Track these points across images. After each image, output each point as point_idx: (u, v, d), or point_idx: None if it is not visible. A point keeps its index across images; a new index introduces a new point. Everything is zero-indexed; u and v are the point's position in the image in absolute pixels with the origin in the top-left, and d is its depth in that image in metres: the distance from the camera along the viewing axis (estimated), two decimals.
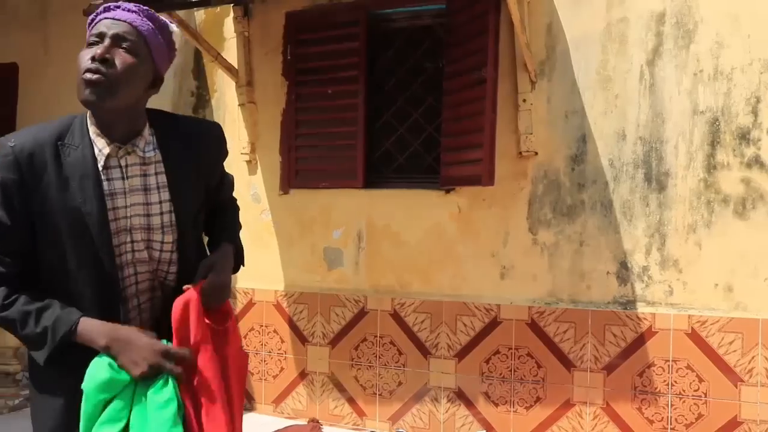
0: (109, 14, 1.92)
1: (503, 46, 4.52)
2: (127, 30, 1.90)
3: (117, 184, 1.95)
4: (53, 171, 1.88)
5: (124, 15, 1.92)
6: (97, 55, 1.84)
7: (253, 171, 5.46)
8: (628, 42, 4.39)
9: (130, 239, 1.98)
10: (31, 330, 1.87)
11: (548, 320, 4.52)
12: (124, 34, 1.89)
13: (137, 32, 1.91)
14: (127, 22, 1.90)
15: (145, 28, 1.92)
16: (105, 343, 1.86)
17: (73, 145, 1.91)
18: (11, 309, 1.88)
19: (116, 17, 1.91)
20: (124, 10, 1.93)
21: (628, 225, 4.37)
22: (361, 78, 5.00)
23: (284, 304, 5.31)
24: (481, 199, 4.70)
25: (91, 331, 1.88)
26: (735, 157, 4.14)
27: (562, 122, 4.53)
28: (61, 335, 1.86)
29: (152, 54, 1.95)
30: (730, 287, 4.13)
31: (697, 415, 4.17)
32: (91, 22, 1.94)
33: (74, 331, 1.87)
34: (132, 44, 1.89)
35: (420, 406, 4.86)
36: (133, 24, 1.91)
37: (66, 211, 1.88)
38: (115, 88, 1.85)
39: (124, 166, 1.96)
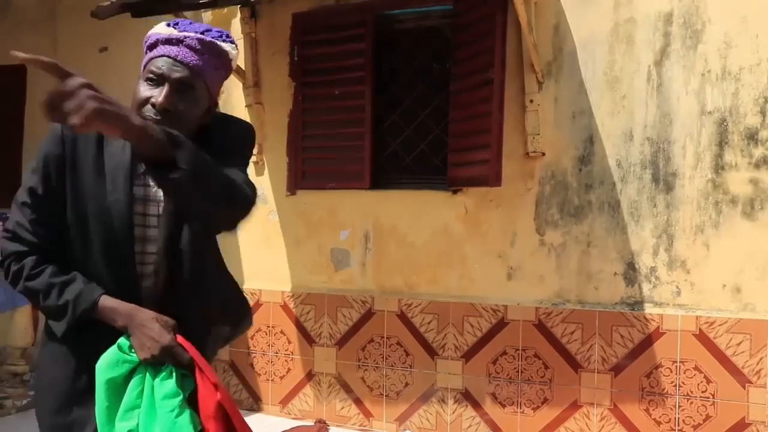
0: (172, 51, 1.90)
1: (510, 47, 4.51)
2: (188, 76, 1.90)
3: (152, 192, 2.01)
4: (93, 155, 1.95)
5: (188, 57, 1.90)
6: (158, 104, 1.85)
7: (260, 172, 5.47)
8: (636, 42, 4.38)
9: (156, 249, 2.01)
10: (53, 302, 1.91)
11: (555, 321, 4.51)
12: (186, 80, 1.89)
13: (198, 76, 1.91)
14: (189, 67, 1.90)
15: (207, 69, 1.93)
16: (123, 323, 1.91)
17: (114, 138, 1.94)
18: (37, 279, 1.93)
19: (179, 58, 1.90)
20: (188, 48, 1.91)
21: (636, 226, 4.36)
22: (368, 79, 5.00)
23: (291, 304, 5.31)
24: (489, 200, 4.70)
25: (111, 309, 1.92)
26: (743, 158, 4.13)
27: (569, 123, 4.52)
28: (81, 310, 1.91)
29: (210, 90, 1.98)
30: (738, 288, 4.12)
31: (705, 417, 4.16)
32: (151, 47, 1.94)
33: (94, 308, 1.91)
34: (192, 91, 1.91)
35: (427, 407, 4.86)
36: (195, 68, 1.91)
37: (95, 194, 1.93)
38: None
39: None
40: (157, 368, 1.89)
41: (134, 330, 1.90)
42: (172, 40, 1.92)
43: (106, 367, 1.90)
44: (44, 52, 5.47)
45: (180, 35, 1.91)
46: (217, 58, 1.96)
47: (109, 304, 1.93)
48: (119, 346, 1.91)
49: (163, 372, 1.89)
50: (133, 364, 1.90)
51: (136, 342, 1.89)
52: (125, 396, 1.89)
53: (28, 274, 1.93)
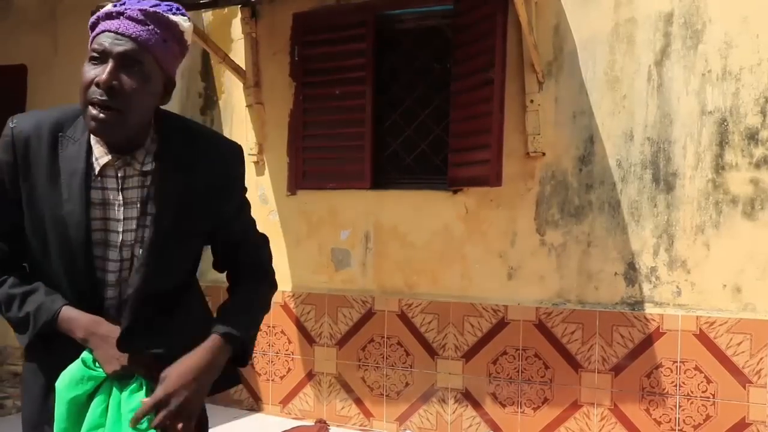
0: (112, 25, 1.75)
1: (511, 47, 4.51)
2: (133, 48, 1.73)
3: (111, 195, 1.86)
4: (47, 160, 1.83)
5: (129, 28, 1.73)
6: (102, 82, 1.71)
7: (260, 172, 5.47)
8: (636, 42, 4.38)
9: (118, 255, 1.87)
10: (14, 314, 1.85)
11: (556, 321, 4.51)
12: (131, 54, 1.73)
13: (145, 49, 1.74)
14: (132, 39, 1.73)
15: (152, 40, 1.75)
16: (83, 336, 1.81)
17: (73, 138, 1.85)
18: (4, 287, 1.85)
19: (120, 31, 1.73)
20: (129, 19, 1.75)
21: (636, 226, 4.36)
22: (368, 79, 5.00)
23: (291, 304, 5.31)
24: (489, 200, 4.70)
25: (72, 321, 1.82)
26: (743, 158, 4.13)
27: (569, 123, 4.53)
28: (42, 322, 1.82)
29: (161, 66, 1.80)
30: (738, 288, 4.12)
31: (705, 417, 4.16)
32: (93, 26, 1.80)
33: (55, 320, 1.82)
34: (139, 66, 1.74)
35: (427, 407, 4.86)
36: (139, 39, 1.73)
37: (50, 202, 1.82)
38: (125, 119, 1.75)
39: (122, 177, 1.86)
40: (124, 382, 1.80)
41: (97, 343, 1.80)
42: (112, 14, 1.76)
43: (68, 385, 1.80)
44: (45, 53, 5.52)
45: (120, 8, 1.75)
46: (165, 30, 1.78)
47: (70, 315, 1.82)
48: (83, 361, 1.81)
49: (132, 384, 1.80)
50: (99, 380, 1.80)
51: (101, 355, 1.79)
52: (88, 415, 1.79)
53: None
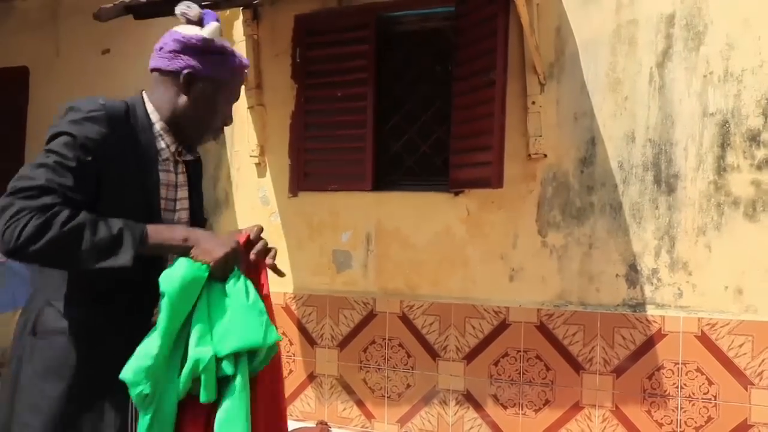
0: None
1: (512, 49, 4.51)
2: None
3: (171, 178, 2.09)
4: (130, 143, 1.96)
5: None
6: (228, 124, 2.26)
7: (262, 173, 5.47)
8: (638, 44, 4.38)
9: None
10: (104, 233, 1.79)
11: (557, 323, 4.51)
12: None
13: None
14: None
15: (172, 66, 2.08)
16: (184, 235, 1.89)
17: (138, 126, 2.00)
18: (78, 217, 1.79)
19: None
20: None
21: (638, 227, 4.36)
22: (370, 81, 5.01)
23: (293, 306, 5.31)
24: (490, 202, 4.70)
25: (164, 230, 1.90)
26: (745, 160, 4.13)
27: (571, 124, 4.53)
28: (139, 233, 1.84)
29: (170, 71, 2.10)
30: (740, 290, 4.12)
31: (707, 418, 4.15)
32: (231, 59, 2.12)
33: (146, 234, 1.85)
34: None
35: (428, 409, 4.86)
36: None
37: (132, 179, 1.95)
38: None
39: (181, 162, 2.15)
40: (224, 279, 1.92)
41: (198, 239, 1.89)
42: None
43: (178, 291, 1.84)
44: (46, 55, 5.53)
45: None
46: (165, 53, 2.17)
47: (157, 227, 1.90)
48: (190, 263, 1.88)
49: (232, 278, 1.92)
50: (202, 279, 1.88)
51: (207, 246, 1.87)
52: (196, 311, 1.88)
53: (66, 218, 1.76)
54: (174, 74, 2.03)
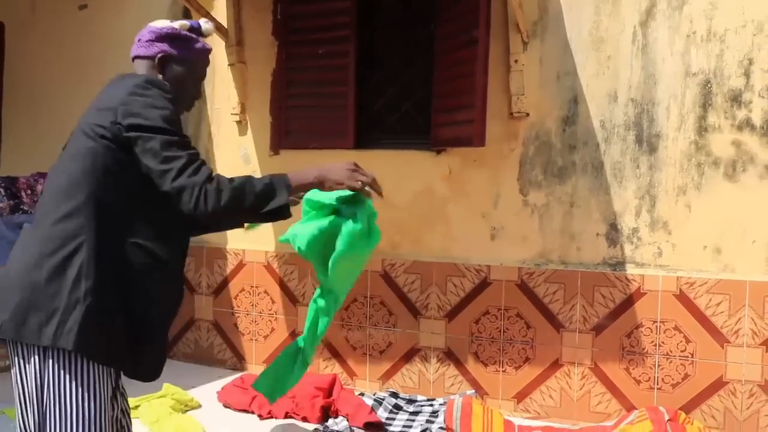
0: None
1: (495, 7, 4.47)
2: None
3: None
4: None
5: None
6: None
7: (243, 131, 5.43)
8: (622, 3, 4.35)
9: None
10: (260, 184, 2.19)
11: (538, 281, 4.54)
12: None
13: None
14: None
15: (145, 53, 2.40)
16: (315, 174, 2.29)
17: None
18: (235, 179, 2.18)
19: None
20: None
21: (619, 187, 4.38)
22: (351, 38, 4.96)
23: (275, 265, 5.32)
24: (472, 160, 4.70)
25: (300, 174, 2.29)
26: (726, 120, 4.14)
27: (554, 83, 4.51)
28: (285, 179, 2.24)
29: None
30: (718, 249, 4.16)
31: (684, 375, 4.22)
32: (197, 42, 2.48)
33: (289, 179, 2.25)
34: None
35: (410, 366, 4.90)
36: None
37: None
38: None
39: None
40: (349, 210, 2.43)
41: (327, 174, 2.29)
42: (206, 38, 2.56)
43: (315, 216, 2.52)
44: (22, 10, 5.41)
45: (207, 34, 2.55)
46: (141, 42, 2.46)
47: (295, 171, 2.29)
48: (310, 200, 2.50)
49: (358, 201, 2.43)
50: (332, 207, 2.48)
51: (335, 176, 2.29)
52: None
53: (227, 181, 2.16)
54: (151, 59, 2.38)
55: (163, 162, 2.11)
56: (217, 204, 2.11)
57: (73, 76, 6.03)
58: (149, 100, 2.15)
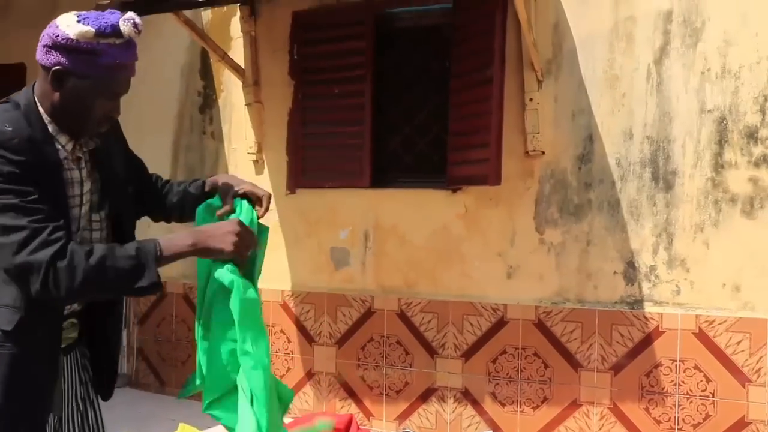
0: (131, 60, 2.04)
1: (510, 45, 4.50)
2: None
3: (75, 175, 2.06)
4: (38, 157, 1.93)
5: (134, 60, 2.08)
6: (115, 116, 2.12)
7: (259, 170, 5.47)
8: (635, 41, 4.37)
9: (90, 218, 2.12)
10: (123, 260, 1.86)
11: (555, 320, 4.51)
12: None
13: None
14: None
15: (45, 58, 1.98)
16: (192, 240, 1.95)
17: (37, 136, 1.96)
18: (95, 252, 1.86)
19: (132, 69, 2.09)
20: (134, 52, 2.07)
21: (636, 224, 4.36)
22: (367, 77, 5.00)
23: (291, 304, 5.31)
24: (488, 199, 4.69)
25: (174, 239, 1.96)
26: (743, 156, 4.12)
27: (568, 121, 4.52)
28: (153, 250, 1.90)
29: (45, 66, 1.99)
30: (737, 287, 4.12)
31: (705, 415, 4.15)
32: (106, 52, 1.96)
33: (160, 249, 1.91)
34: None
35: (427, 406, 4.86)
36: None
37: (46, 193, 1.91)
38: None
39: (81, 158, 2.09)
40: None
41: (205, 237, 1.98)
42: (130, 44, 1.99)
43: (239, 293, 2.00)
44: None
45: (130, 38, 1.97)
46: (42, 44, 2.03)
47: (169, 237, 1.96)
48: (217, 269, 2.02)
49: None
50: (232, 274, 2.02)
51: (215, 243, 1.97)
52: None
53: (83, 256, 1.83)
54: (47, 69, 1.97)
55: (2, 233, 1.82)
56: (71, 285, 1.81)
57: None
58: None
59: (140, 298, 5.90)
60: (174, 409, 5.27)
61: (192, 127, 5.78)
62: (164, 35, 5.69)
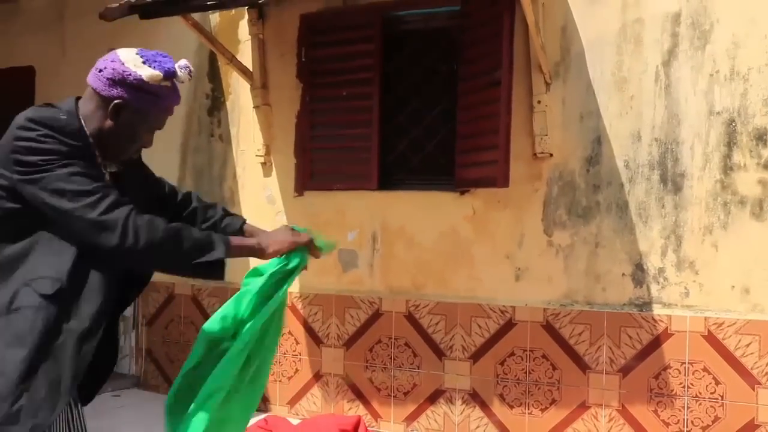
0: (175, 103, 2.28)
1: (518, 48, 4.50)
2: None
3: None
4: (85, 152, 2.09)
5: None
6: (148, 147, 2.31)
7: (267, 173, 5.48)
8: (644, 43, 4.37)
9: None
10: (198, 235, 2.12)
11: (563, 322, 4.51)
12: None
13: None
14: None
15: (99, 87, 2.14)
16: (257, 240, 2.32)
17: (83, 138, 2.11)
18: (172, 223, 2.09)
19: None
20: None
21: (644, 226, 4.35)
22: (375, 80, 5.01)
23: (299, 305, 5.32)
24: (496, 201, 4.70)
25: (241, 238, 2.36)
26: (752, 158, 4.11)
27: (577, 124, 4.52)
28: (226, 238, 2.18)
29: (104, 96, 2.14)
30: (746, 289, 4.11)
31: (714, 418, 4.15)
32: (162, 93, 2.18)
33: (230, 240, 2.19)
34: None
35: (435, 408, 4.86)
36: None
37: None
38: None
39: (106, 172, 2.22)
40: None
41: (269, 242, 2.30)
42: (177, 88, 2.24)
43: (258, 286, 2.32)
44: (52, 54, 5.53)
45: (176, 84, 2.22)
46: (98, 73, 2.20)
47: (238, 237, 2.37)
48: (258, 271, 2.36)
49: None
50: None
51: (275, 246, 2.30)
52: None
53: (162, 222, 2.05)
54: (105, 99, 2.12)
55: (69, 199, 1.97)
56: (151, 238, 2.00)
57: None
58: (33, 144, 1.98)
59: (149, 299, 5.92)
60: None
61: (200, 129, 5.80)
62: (172, 38, 5.71)
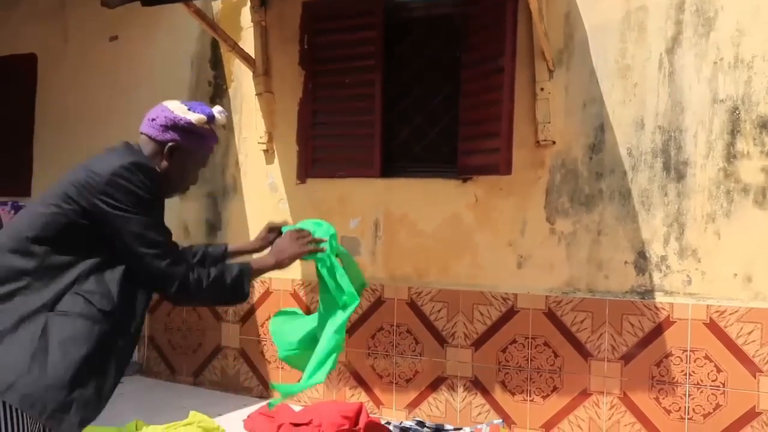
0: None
1: (521, 35, 4.49)
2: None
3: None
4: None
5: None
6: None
7: (270, 160, 5.47)
8: (647, 30, 4.36)
9: None
10: (230, 278, 2.39)
11: (565, 309, 4.51)
12: None
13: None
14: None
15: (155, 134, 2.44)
16: (273, 259, 2.61)
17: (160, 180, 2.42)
18: (212, 271, 2.36)
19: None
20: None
21: (647, 214, 4.35)
22: (377, 67, 5.00)
23: (301, 292, 5.32)
24: (499, 188, 4.69)
25: (260, 260, 2.60)
26: (755, 146, 4.11)
27: (580, 111, 4.51)
28: (248, 270, 2.46)
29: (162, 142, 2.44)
30: (749, 277, 4.11)
31: (715, 405, 4.15)
32: (209, 135, 2.52)
33: (251, 269, 2.49)
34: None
35: (436, 395, 4.87)
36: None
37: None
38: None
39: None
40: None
41: (281, 252, 2.64)
42: (215, 132, 2.55)
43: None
44: (54, 42, 5.54)
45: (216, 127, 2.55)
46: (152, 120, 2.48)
47: (257, 261, 2.59)
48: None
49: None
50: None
51: (291, 253, 2.65)
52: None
53: (206, 274, 2.33)
54: (161, 143, 2.42)
55: (144, 245, 2.24)
56: (197, 296, 2.33)
57: (103, 106, 6.12)
58: (131, 186, 2.22)
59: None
60: (185, 396, 5.33)
61: None
62: (175, 25, 5.71)
